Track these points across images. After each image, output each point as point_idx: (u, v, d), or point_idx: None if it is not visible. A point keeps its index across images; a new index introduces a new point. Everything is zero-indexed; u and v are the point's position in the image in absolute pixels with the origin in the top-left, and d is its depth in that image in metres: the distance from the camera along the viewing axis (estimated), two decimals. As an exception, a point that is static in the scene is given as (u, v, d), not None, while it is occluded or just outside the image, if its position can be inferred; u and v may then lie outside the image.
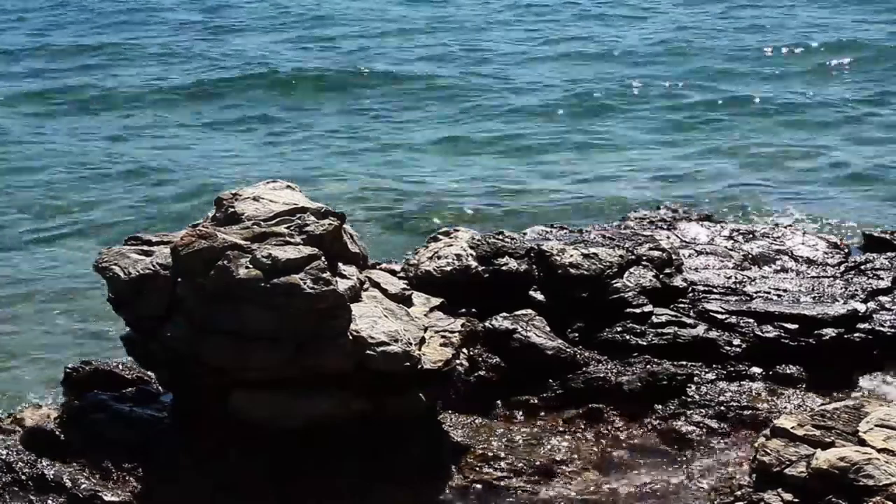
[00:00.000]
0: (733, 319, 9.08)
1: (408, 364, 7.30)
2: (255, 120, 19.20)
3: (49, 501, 7.07)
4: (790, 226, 10.87)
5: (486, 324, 8.69)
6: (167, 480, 7.28)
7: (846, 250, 10.35)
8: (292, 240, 7.39)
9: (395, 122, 19.01)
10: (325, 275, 7.19)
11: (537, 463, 7.60)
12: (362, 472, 7.32)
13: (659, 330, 8.94)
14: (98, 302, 10.54)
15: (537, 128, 18.18)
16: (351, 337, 7.23)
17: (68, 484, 7.13)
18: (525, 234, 10.29)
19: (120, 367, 8.49)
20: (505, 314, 8.76)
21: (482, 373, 8.46)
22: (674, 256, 9.78)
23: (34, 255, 13.36)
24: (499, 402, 8.36)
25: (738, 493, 6.58)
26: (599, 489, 7.40)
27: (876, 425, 6.43)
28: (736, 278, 9.66)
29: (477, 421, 8.06)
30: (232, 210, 7.74)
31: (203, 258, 7.30)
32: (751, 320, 9.06)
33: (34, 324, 11.35)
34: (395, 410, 7.45)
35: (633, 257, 9.54)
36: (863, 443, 6.33)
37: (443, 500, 7.27)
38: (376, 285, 7.93)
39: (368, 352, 7.24)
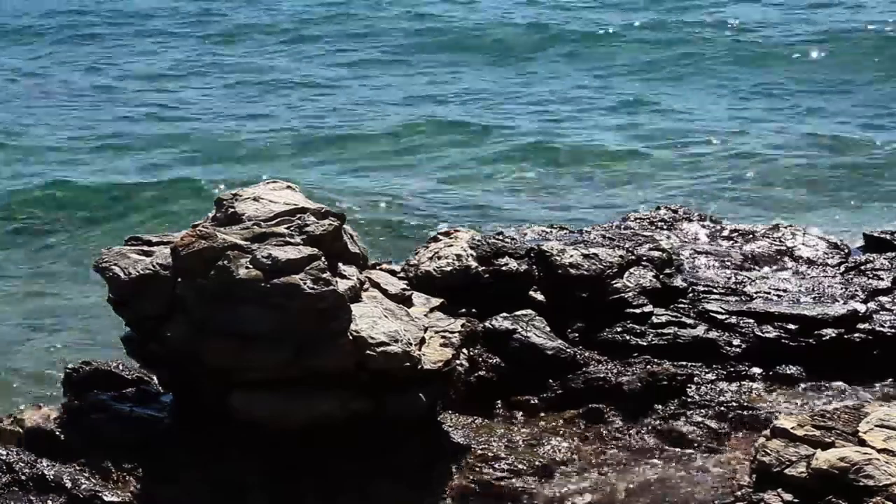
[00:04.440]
0: (733, 319, 9.07)
1: (408, 364, 7.29)
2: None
3: (49, 501, 7.05)
4: (790, 226, 10.84)
5: (486, 324, 8.68)
6: (167, 480, 7.27)
7: (846, 250, 10.33)
8: (292, 240, 7.39)
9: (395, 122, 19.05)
10: (325, 275, 7.19)
11: (537, 463, 7.59)
12: (362, 472, 7.32)
13: (659, 330, 8.93)
14: (98, 302, 10.55)
15: (537, 128, 18.18)
16: (351, 337, 7.23)
17: (68, 484, 7.12)
18: (525, 234, 10.28)
19: (120, 367, 8.47)
20: (505, 314, 8.75)
21: (482, 373, 8.45)
22: (674, 256, 9.78)
23: (34, 255, 13.36)
24: (499, 402, 8.35)
25: (738, 493, 6.58)
26: (599, 489, 7.39)
27: (876, 425, 6.43)
28: (736, 278, 9.65)
29: (477, 421, 8.05)
30: (232, 210, 7.74)
31: (203, 258, 7.29)
32: (751, 320, 9.05)
33: (34, 323, 11.35)
34: (395, 410, 7.44)
35: (633, 257, 9.53)
36: (863, 443, 6.32)
37: (443, 500, 7.27)
38: (376, 285, 7.93)
39: (368, 352, 7.23)
